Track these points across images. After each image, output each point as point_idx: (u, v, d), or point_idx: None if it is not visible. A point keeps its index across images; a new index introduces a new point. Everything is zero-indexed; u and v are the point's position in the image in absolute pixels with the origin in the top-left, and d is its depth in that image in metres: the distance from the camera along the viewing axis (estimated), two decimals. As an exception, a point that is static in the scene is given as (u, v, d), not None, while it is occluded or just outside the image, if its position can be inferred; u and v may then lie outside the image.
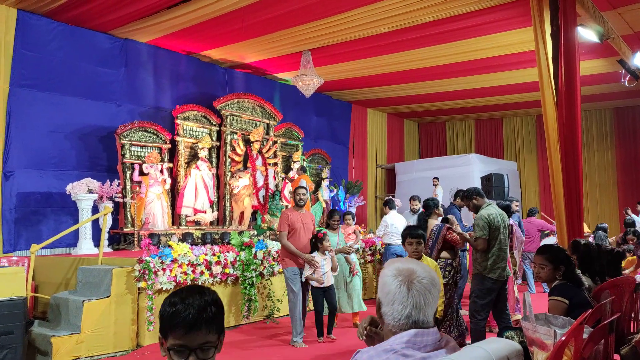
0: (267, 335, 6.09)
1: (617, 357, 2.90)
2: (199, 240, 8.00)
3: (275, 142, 10.28)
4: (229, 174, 9.18)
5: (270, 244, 7.06)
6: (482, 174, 10.39)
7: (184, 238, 7.71)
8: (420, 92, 12.11)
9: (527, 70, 9.71)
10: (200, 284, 6.07)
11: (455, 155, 14.18)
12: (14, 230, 7.04)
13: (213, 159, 9.18)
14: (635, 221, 10.17)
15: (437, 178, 11.51)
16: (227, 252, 6.48)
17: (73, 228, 6.75)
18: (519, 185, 14.24)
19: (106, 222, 6.80)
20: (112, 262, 5.99)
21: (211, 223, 8.96)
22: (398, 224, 7.52)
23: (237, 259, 6.55)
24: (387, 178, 14.74)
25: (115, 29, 8.08)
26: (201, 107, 8.99)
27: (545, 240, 8.93)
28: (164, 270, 5.72)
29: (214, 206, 9.07)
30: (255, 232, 8.04)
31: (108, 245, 7.56)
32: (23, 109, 7.17)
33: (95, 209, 7.19)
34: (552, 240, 8.63)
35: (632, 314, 3.62)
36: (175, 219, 8.56)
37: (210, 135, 9.15)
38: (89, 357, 5.15)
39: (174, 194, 8.67)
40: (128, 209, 7.92)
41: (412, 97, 12.65)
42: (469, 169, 12.22)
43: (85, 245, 7.01)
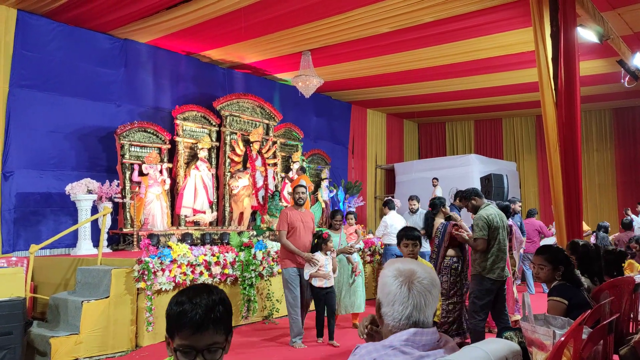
0: (266, 335, 6.09)
1: (616, 357, 2.90)
2: (199, 241, 8.00)
3: (274, 143, 10.28)
4: (229, 174, 9.18)
5: (269, 244, 7.06)
6: (482, 174, 10.39)
7: (184, 238, 7.71)
8: (419, 92, 12.11)
9: (527, 70, 9.71)
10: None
11: (454, 156, 14.18)
12: (13, 230, 7.04)
13: (212, 159, 9.18)
14: (635, 221, 10.17)
15: (436, 178, 11.51)
16: (227, 252, 6.48)
17: (72, 228, 6.75)
18: (518, 186, 14.24)
19: (105, 223, 6.79)
20: (112, 262, 5.99)
21: (210, 223, 8.96)
22: (398, 225, 7.51)
23: (237, 259, 6.55)
24: (387, 178, 14.74)
25: (115, 29, 8.08)
26: (201, 108, 8.99)
27: (544, 240, 8.92)
28: (163, 270, 5.71)
29: (213, 207, 9.06)
30: (255, 233, 8.04)
31: (107, 246, 7.56)
32: (23, 109, 7.17)
33: (94, 210, 7.19)
34: (551, 240, 8.62)
35: (631, 314, 3.62)
36: (175, 219, 8.55)
37: (209, 135, 9.15)
38: (87, 358, 5.15)
39: (174, 194, 8.66)
40: (127, 210, 7.92)
41: (412, 98, 12.65)
42: (469, 169, 12.22)
43: (85, 246, 7.01)
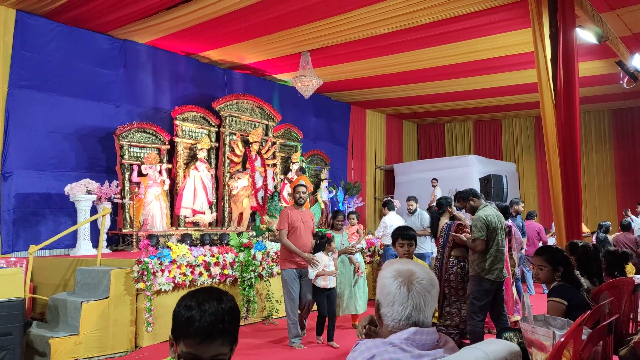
0: (266, 336, 6.09)
1: (615, 358, 2.90)
2: (198, 241, 7.99)
3: (274, 143, 10.28)
4: (228, 175, 9.18)
5: (269, 245, 7.05)
6: (481, 175, 10.41)
7: (183, 239, 7.70)
8: (419, 93, 12.11)
9: (526, 71, 9.72)
10: (199, 285, 6.08)
11: (454, 157, 14.19)
12: (13, 231, 7.03)
13: (212, 159, 9.18)
14: (635, 222, 10.18)
15: (435, 179, 11.51)
16: (226, 253, 6.48)
17: (72, 229, 6.74)
18: (517, 187, 14.25)
19: (105, 223, 6.79)
20: (111, 263, 5.98)
21: (210, 224, 8.95)
22: (397, 225, 7.49)
23: (236, 260, 6.55)
24: (386, 179, 14.74)
25: (114, 30, 8.08)
26: (200, 108, 8.99)
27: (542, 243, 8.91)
28: (162, 271, 5.71)
29: (212, 207, 9.06)
30: (254, 233, 8.03)
31: (107, 246, 7.55)
32: (22, 109, 7.16)
33: (94, 210, 7.19)
34: (550, 241, 8.63)
35: (631, 315, 3.62)
36: (174, 220, 8.55)
37: (209, 136, 9.15)
38: (87, 359, 5.14)
39: (173, 195, 8.66)
40: (127, 210, 7.91)
41: (411, 98, 12.66)
42: (468, 170, 12.23)
43: (84, 246, 7.00)
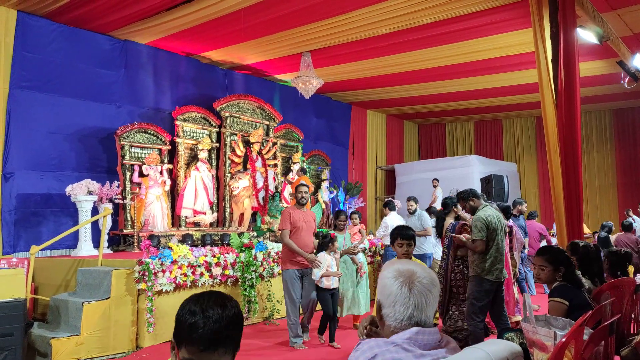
0: (267, 336, 6.08)
1: (617, 358, 2.90)
2: (199, 242, 8.00)
3: (275, 144, 10.29)
4: (229, 175, 9.18)
5: (270, 245, 7.05)
6: (482, 175, 10.39)
7: (184, 239, 7.71)
8: (420, 93, 12.11)
9: (527, 71, 9.72)
10: (200, 285, 6.08)
11: (454, 157, 14.19)
12: (14, 231, 7.04)
13: (213, 160, 9.18)
14: (637, 222, 10.16)
15: (436, 179, 11.51)
16: (227, 253, 6.48)
17: (73, 229, 6.74)
18: (518, 187, 14.24)
19: (106, 224, 6.79)
20: (112, 263, 5.99)
21: (211, 224, 8.95)
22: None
23: (237, 260, 6.55)
24: (387, 179, 14.74)
25: (115, 31, 8.08)
26: (201, 109, 9.00)
27: (544, 242, 8.91)
28: (163, 271, 5.71)
29: (213, 207, 9.06)
30: (255, 234, 8.04)
31: (108, 247, 7.56)
32: (23, 110, 7.18)
33: (95, 211, 7.19)
34: (552, 241, 8.61)
35: (632, 315, 3.62)
36: (175, 220, 8.55)
37: (210, 136, 9.16)
38: (88, 359, 5.15)
39: (174, 195, 8.67)
40: (128, 211, 7.92)
41: (412, 99, 12.66)
42: (469, 170, 12.23)
43: (85, 247, 7.01)
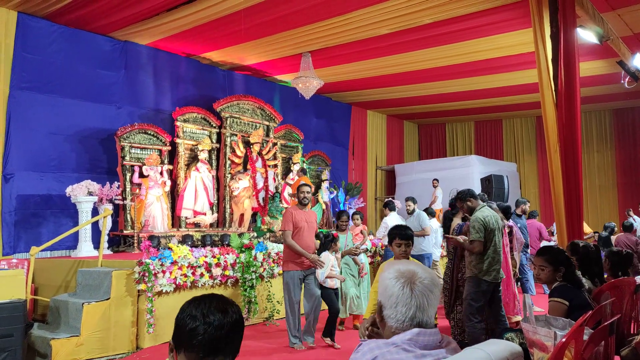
0: (267, 337, 6.08)
1: (617, 358, 2.90)
2: (199, 242, 8.00)
3: (275, 144, 10.29)
4: (229, 175, 9.18)
5: (270, 246, 7.05)
6: (482, 175, 10.39)
7: (184, 240, 7.71)
8: (420, 93, 12.11)
9: (527, 71, 9.71)
10: (200, 286, 6.08)
11: (455, 157, 14.19)
12: (14, 232, 7.04)
13: (213, 160, 9.18)
14: (638, 223, 10.15)
15: (436, 180, 11.51)
16: (227, 254, 6.48)
17: (73, 230, 6.74)
18: (518, 187, 14.23)
19: (106, 225, 6.79)
20: (112, 264, 5.98)
21: (211, 225, 8.95)
22: (396, 226, 7.48)
23: (237, 261, 6.54)
24: (387, 180, 14.74)
25: (115, 32, 8.09)
26: (201, 109, 9.00)
27: (544, 242, 8.90)
28: (163, 272, 5.71)
29: (213, 208, 9.06)
30: (255, 234, 8.04)
31: (108, 248, 7.56)
32: (23, 111, 7.18)
33: (95, 211, 7.19)
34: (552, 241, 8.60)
35: (633, 315, 3.61)
36: (175, 221, 8.55)
37: (210, 137, 9.16)
38: (88, 360, 5.15)
39: (174, 196, 8.67)
40: (128, 211, 7.92)
41: (412, 99, 12.66)
42: (469, 170, 12.22)
43: (85, 248, 7.01)
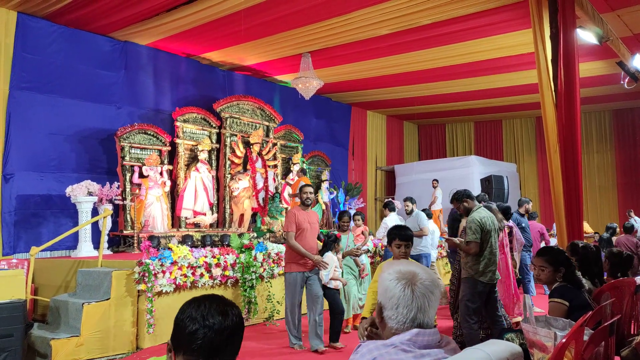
0: (267, 337, 6.08)
1: (617, 359, 2.90)
2: (199, 243, 8.00)
3: (275, 144, 10.29)
4: (229, 176, 9.18)
5: (270, 246, 7.05)
6: (482, 175, 10.41)
7: (184, 240, 7.71)
8: (419, 94, 12.12)
9: (527, 72, 9.72)
10: (200, 286, 6.08)
11: (454, 157, 14.20)
12: (14, 232, 7.04)
13: (213, 161, 9.18)
14: (638, 224, 10.15)
15: (436, 180, 11.51)
16: (227, 254, 6.48)
17: (73, 230, 6.74)
18: (518, 187, 14.24)
19: (106, 225, 6.79)
20: (112, 264, 5.98)
21: (211, 225, 8.95)
22: (396, 226, 7.47)
23: (237, 261, 6.54)
24: (387, 180, 14.74)
25: (115, 32, 8.09)
26: (201, 110, 9.00)
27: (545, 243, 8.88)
28: (163, 272, 5.70)
29: (213, 208, 9.06)
30: (255, 235, 8.03)
31: (108, 248, 7.56)
32: (23, 111, 7.17)
33: (95, 212, 7.19)
34: (552, 242, 8.60)
35: (633, 315, 3.61)
36: (175, 221, 8.55)
37: (210, 137, 9.16)
38: (88, 360, 5.15)
39: (174, 196, 8.67)
40: (128, 212, 7.92)
41: (412, 99, 12.66)
42: (469, 170, 12.23)
43: (85, 248, 7.00)
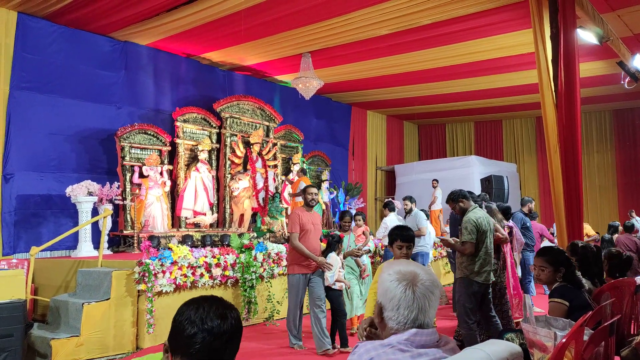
0: (267, 337, 6.08)
1: (617, 359, 2.90)
2: (199, 243, 8.00)
3: (275, 144, 10.29)
4: (229, 176, 9.18)
5: (270, 246, 7.05)
6: (482, 176, 10.41)
7: (184, 240, 7.71)
8: (420, 94, 12.12)
9: (527, 72, 9.72)
10: (200, 286, 6.08)
11: (454, 157, 14.20)
12: (14, 232, 7.04)
13: (213, 161, 9.19)
14: (639, 224, 10.15)
15: (436, 180, 11.50)
16: (227, 254, 6.48)
17: (73, 230, 6.74)
18: (518, 187, 14.24)
19: (106, 225, 6.79)
20: (112, 264, 5.98)
21: (211, 225, 8.95)
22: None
23: (237, 261, 6.54)
24: (387, 180, 14.74)
25: (115, 32, 8.09)
26: (201, 110, 9.00)
27: (545, 242, 8.89)
28: (163, 272, 5.70)
29: (213, 208, 9.06)
30: (255, 235, 8.04)
31: (108, 248, 7.56)
32: (23, 111, 7.18)
33: (95, 212, 7.19)
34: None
35: (633, 316, 3.61)
36: (175, 221, 8.55)
37: (210, 137, 9.16)
38: (88, 360, 5.15)
39: (174, 196, 8.67)
40: (128, 212, 7.92)
41: (412, 99, 12.66)
42: (469, 170, 12.23)
43: (85, 248, 7.00)
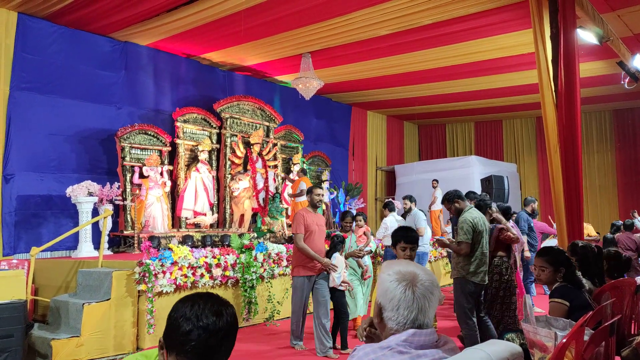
0: (268, 338, 6.09)
1: (617, 359, 2.90)
2: (199, 243, 8.00)
3: (275, 145, 10.29)
4: (229, 176, 9.18)
5: (270, 246, 7.05)
6: (482, 176, 10.41)
7: (184, 241, 7.71)
8: (420, 94, 12.12)
9: (527, 72, 9.71)
10: (200, 287, 6.09)
11: (455, 158, 14.20)
12: (14, 233, 7.04)
13: (213, 161, 9.19)
14: (638, 222, 10.16)
15: (436, 180, 11.50)
16: (227, 254, 6.48)
17: (73, 231, 6.74)
18: (518, 187, 14.24)
19: (106, 225, 6.79)
20: (112, 264, 5.99)
21: (211, 225, 8.96)
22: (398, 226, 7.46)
23: (237, 261, 6.55)
24: (387, 180, 14.74)
25: (116, 32, 8.09)
26: (201, 110, 9.01)
27: (545, 242, 8.90)
28: (164, 273, 5.71)
29: (214, 209, 9.07)
30: (255, 235, 8.04)
31: (108, 248, 7.56)
32: (23, 112, 7.18)
33: (95, 212, 7.19)
34: (553, 242, 8.60)
35: (633, 315, 3.61)
36: (175, 221, 8.55)
37: (210, 137, 9.16)
38: (89, 360, 5.15)
39: (174, 196, 8.67)
40: (128, 212, 7.92)
41: (412, 100, 12.66)
42: (469, 171, 12.23)
43: (85, 248, 7.01)
